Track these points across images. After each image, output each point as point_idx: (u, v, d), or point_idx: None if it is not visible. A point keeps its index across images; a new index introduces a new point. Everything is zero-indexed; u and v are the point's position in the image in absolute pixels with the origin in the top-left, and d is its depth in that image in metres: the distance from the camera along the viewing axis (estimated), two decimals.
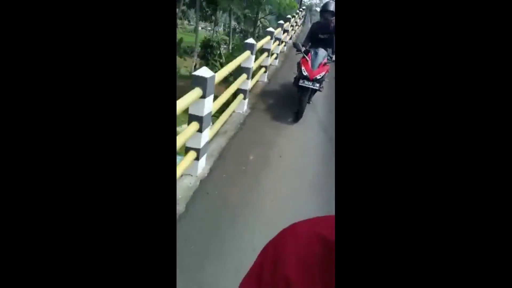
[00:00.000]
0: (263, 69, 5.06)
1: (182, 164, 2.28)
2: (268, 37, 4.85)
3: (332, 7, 3.96)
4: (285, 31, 6.64)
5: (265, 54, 4.86)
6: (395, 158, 0.23)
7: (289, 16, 8.86)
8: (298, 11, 12.49)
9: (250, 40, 3.82)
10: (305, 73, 3.81)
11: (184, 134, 2.18)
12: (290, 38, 8.12)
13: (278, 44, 5.93)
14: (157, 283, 0.32)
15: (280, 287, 0.33)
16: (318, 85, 3.85)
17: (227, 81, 5.46)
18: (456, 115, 0.23)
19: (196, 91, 2.13)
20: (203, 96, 2.20)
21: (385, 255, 0.23)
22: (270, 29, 5.21)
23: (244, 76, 3.71)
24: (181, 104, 1.89)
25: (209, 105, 2.36)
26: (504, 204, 0.21)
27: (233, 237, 2.02)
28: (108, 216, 0.30)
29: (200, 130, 2.32)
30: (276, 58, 6.13)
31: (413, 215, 0.23)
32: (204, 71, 2.24)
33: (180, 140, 2.09)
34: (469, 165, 0.22)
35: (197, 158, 2.46)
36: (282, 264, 0.34)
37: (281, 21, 6.77)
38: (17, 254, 0.28)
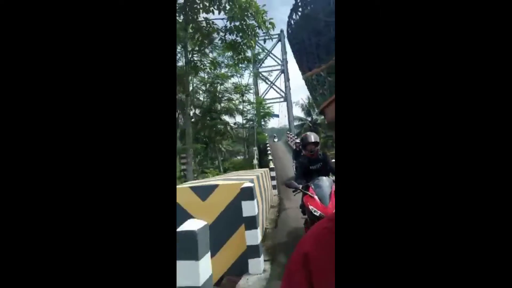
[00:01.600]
0: None
1: None
2: None
3: (313, 138, 3.70)
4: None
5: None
6: (395, 160, 0.23)
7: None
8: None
9: None
10: (317, 213, 2.91)
11: None
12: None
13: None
14: None
15: (300, 261, 0.39)
16: None
17: None
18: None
19: None
20: None
21: (384, 255, 0.23)
22: None
23: None
24: None
25: None
26: (504, 204, 0.21)
27: None
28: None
29: None
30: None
31: (412, 215, 0.23)
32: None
33: None
34: (468, 167, 0.22)
35: None
36: (302, 246, 0.41)
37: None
38: (15, 258, 0.27)
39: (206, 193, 3.24)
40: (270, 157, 12.43)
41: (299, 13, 0.32)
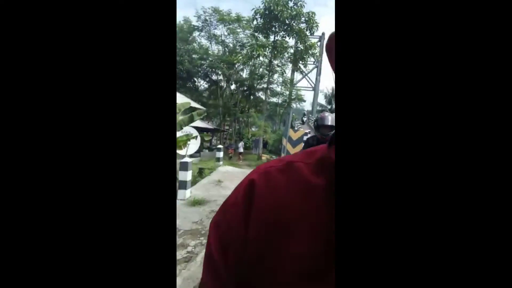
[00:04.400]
0: None
1: None
2: None
3: (330, 120, 3.11)
4: None
5: None
6: (396, 160, 0.23)
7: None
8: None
9: None
10: None
11: None
12: None
13: None
14: None
15: (244, 185, 0.39)
16: None
17: None
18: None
19: None
20: None
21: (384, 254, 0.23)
22: None
23: None
24: None
25: None
26: (504, 204, 0.21)
27: None
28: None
29: None
30: None
31: (412, 215, 0.23)
32: None
33: None
34: (468, 167, 0.22)
35: None
36: (249, 175, 0.41)
37: None
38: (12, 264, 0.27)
39: None
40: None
41: None
